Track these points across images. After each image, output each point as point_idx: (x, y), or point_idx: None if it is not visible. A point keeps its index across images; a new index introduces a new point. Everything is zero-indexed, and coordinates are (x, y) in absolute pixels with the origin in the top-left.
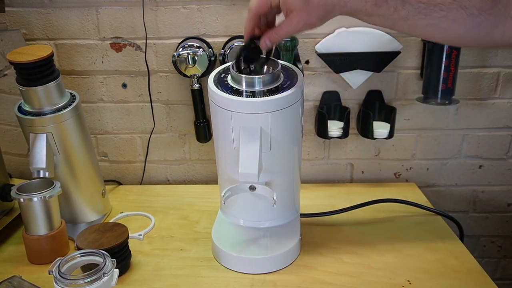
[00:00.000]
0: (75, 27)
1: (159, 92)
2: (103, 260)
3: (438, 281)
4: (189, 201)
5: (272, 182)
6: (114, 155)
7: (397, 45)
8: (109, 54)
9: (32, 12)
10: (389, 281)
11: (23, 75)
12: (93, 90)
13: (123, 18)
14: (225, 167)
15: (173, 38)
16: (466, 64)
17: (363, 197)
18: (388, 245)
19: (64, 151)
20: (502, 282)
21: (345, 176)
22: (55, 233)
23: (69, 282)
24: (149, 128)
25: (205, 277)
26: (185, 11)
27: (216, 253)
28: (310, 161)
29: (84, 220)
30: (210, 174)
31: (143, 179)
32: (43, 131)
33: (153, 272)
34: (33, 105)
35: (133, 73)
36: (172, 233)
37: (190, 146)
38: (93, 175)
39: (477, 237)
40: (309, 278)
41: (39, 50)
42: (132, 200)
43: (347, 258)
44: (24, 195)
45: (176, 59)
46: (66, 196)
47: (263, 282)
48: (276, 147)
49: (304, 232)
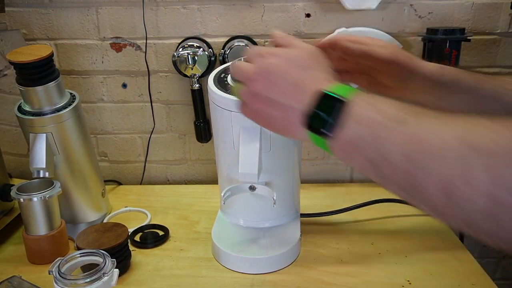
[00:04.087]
0: (75, 27)
1: (159, 92)
2: (103, 260)
3: (438, 281)
4: (189, 201)
5: (272, 182)
6: (114, 155)
7: (397, 45)
8: (109, 54)
9: (32, 12)
10: (389, 281)
11: (23, 75)
12: (93, 90)
13: (123, 18)
14: (225, 167)
15: (173, 38)
16: (466, 64)
17: (363, 197)
18: (388, 245)
19: (64, 151)
20: (502, 282)
21: (345, 176)
22: (55, 233)
23: (69, 282)
24: (149, 128)
25: (205, 277)
26: (185, 11)
27: (216, 253)
28: (310, 161)
29: (84, 220)
30: (210, 174)
31: (143, 179)
32: (43, 131)
33: (153, 272)
34: (33, 105)
35: (133, 73)
36: (172, 233)
37: (190, 146)
38: (93, 175)
39: None
40: (309, 278)
41: (39, 50)
42: (132, 200)
43: (347, 258)
44: (24, 195)
45: (176, 59)
46: (66, 196)
47: (263, 282)
48: (276, 147)
49: (304, 232)
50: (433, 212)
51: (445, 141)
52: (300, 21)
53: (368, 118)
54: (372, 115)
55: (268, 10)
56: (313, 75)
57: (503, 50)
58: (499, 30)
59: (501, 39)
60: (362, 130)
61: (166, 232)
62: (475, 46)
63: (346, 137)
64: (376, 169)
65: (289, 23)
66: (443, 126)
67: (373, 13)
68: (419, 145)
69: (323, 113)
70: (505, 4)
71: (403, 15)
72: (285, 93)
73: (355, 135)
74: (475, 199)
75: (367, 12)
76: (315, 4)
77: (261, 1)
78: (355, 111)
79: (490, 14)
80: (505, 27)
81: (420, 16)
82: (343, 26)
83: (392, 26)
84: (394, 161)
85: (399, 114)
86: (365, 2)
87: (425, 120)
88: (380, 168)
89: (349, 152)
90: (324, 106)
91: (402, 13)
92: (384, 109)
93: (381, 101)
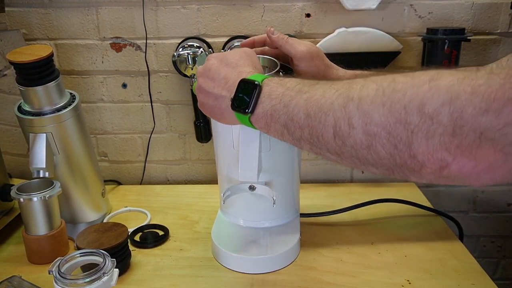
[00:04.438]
0: (75, 27)
1: (159, 92)
2: (103, 260)
3: (438, 281)
4: (189, 201)
5: (272, 182)
6: (114, 155)
7: (397, 45)
8: (109, 54)
9: (32, 12)
10: (389, 281)
11: (23, 75)
12: (93, 90)
13: (123, 18)
14: (225, 167)
15: (173, 38)
16: (466, 64)
17: (363, 197)
18: (388, 245)
19: (64, 151)
20: (502, 282)
21: (345, 176)
22: (55, 233)
23: (69, 282)
24: (149, 128)
25: (205, 277)
26: (185, 11)
27: (216, 253)
28: (310, 161)
29: (84, 220)
30: (210, 174)
31: (143, 179)
32: (43, 131)
33: (153, 272)
34: (33, 105)
35: (133, 73)
36: (172, 233)
37: (190, 146)
38: (93, 175)
39: (477, 237)
40: (309, 278)
41: (39, 50)
42: (132, 200)
43: (347, 258)
44: (24, 195)
45: (176, 59)
46: (66, 196)
47: (263, 282)
48: (276, 147)
49: (304, 232)
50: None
51: (332, 98)
52: (300, 21)
53: (278, 93)
54: (280, 90)
55: (268, 10)
56: (238, 70)
57: (503, 50)
58: (499, 30)
59: (501, 39)
60: (274, 102)
61: (166, 232)
62: (475, 46)
63: (263, 110)
64: (289, 131)
65: (289, 23)
66: (331, 89)
67: (373, 13)
68: (315, 105)
69: (243, 94)
70: (505, 4)
71: (403, 15)
72: (218, 86)
73: (270, 107)
74: (358, 136)
75: (367, 12)
76: (315, 4)
77: (261, 1)
78: (268, 90)
79: (490, 14)
80: (505, 27)
81: (420, 16)
82: (343, 26)
83: (392, 26)
84: (299, 120)
85: (300, 86)
86: (365, 2)
87: (319, 87)
88: (291, 129)
89: (267, 123)
90: (243, 90)
91: (402, 13)
92: (289, 84)
93: (287, 80)
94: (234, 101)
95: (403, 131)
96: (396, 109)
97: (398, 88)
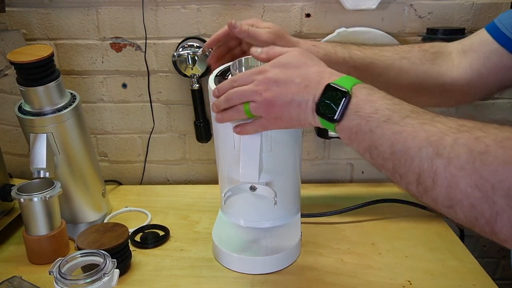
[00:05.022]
0: (75, 27)
1: (159, 92)
2: (104, 261)
3: (438, 281)
4: (189, 201)
5: (273, 182)
6: (114, 155)
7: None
8: (109, 54)
9: (32, 12)
10: (389, 281)
11: (23, 75)
12: (93, 90)
13: (123, 18)
14: (226, 167)
15: (173, 38)
16: None
17: (363, 197)
18: (388, 245)
19: (64, 151)
20: (502, 282)
21: (345, 176)
22: (56, 233)
23: (70, 283)
24: (149, 128)
25: (205, 277)
26: (185, 11)
27: (216, 253)
28: (310, 161)
29: (84, 220)
30: (210, 174)
31: (143, 179)
32: (44, 131)
33: (153, 272)
34: (33, 105)
35: (133, 73)
36: (172, 233)
37: (190, 146)
38: (93, 175)
39: (477, 237)
40: (309, 278)
41: (39, 50)
42: (132, 200)
43: (347, 258)
44: (25, 195)
45: (176, 59)
46: (66, 196)
47: (263, 282)
48: (277, 147)
49: (304, 232)
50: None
51: (421, 145)
52: (300, 21)
53: (365, 112)
54: (368, 110)
55: (268, 10)
56: (312, 70)
57: None
58: None
59: None
60: (360, 121)
61: (166, 232)
62: None
63: (349, 125)
64: (371, 156)
65: (289, 23)
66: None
67: (373, 13)
68: (402, 144)
69: (330, 101)
70: (505, 4)
71: (403, 15)
72: (297, 92)
73: (355, 124)
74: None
75: (367, 12)
76: (315, 4)
77: (261, 1)
78: (355, 103)
79: (490, 14)
80: None
81: (420, 16)
82: (343, 26)
83: (392, 26)
84: (384, 152)
85: (389, 113)
86: (365, 2)
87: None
88: (374, 155)
89: (351, 138)
90: (331, 97)
91: (402, 13)
92: (377, 104)
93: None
94: (320, 107)
95: (487, 209)
96: (484, 186)
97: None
